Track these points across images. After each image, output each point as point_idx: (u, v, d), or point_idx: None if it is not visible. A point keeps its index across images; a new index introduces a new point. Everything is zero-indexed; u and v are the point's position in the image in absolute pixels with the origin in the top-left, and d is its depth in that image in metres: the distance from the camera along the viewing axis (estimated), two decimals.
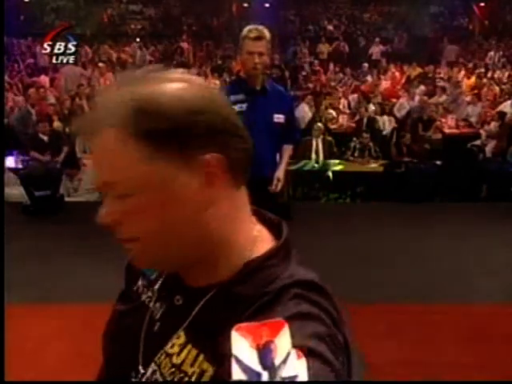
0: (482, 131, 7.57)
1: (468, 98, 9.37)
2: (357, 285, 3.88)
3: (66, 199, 6.27)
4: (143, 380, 0.71)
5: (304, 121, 7.84)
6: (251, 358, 0.54)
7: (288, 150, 3.28)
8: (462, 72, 11.64)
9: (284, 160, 3.23)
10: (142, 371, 0.71)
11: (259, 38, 3.02)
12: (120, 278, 0.86)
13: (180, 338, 0.69)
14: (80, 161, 6.61)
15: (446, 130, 7.75)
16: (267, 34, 3.05)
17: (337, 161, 6.67)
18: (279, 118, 3.14)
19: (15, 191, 6.12)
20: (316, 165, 6.54)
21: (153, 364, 0.70)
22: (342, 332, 0.66)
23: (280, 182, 3.14)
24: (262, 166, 3.00)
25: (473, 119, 8.43)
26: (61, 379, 2.57)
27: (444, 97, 9.55)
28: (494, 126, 7.47)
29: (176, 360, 0.68)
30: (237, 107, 2.88)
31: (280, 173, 3.16)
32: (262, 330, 0.56)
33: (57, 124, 7.34)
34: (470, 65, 12.36)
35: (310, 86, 10.51)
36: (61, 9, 14.94)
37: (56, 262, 4.39)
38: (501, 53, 13.16)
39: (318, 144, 6.72)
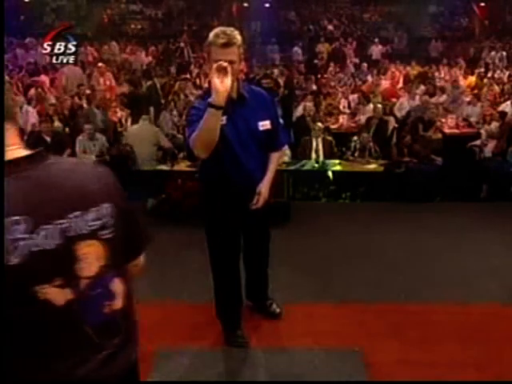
0: (482, 131, 7.56)
1: (468, 98, 9.36)
2: (357, 285, 3.88)
3: None
4: None
5: (303, 120, 7.83)
6: None
7: (275, 158, 2.93)
8: (462, 72, 11.64)
9: (270, 172, 2.87)
10: None
11: (228, 44, 2.53)
12: None
13: None
14: None
15: (446, 130, 7.74)
16: (238, 37, 2.58)
17: (337, 161, 6.65)
18: (265, 124, 2.79)
19: None
20: (316, 165, 6.52)
21: None
22: None
23: (262, 197, 2.80)
24: (253, 180, 2.82)
25: (473, 119, 8.43)
26: None
27: (444, 97, 9.55)
28: (494, 125, 7.46)
29: None
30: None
31: (263, 186, 2.81)
32: None
33: (57, 124, 7.33)
34: (470, 65, 12.37)
35: (310, 85, 10.51)
36: (61, 9, 14.97)
37: None
38: (501, 53, 13.17)
39: (318, 144, 6.71)
